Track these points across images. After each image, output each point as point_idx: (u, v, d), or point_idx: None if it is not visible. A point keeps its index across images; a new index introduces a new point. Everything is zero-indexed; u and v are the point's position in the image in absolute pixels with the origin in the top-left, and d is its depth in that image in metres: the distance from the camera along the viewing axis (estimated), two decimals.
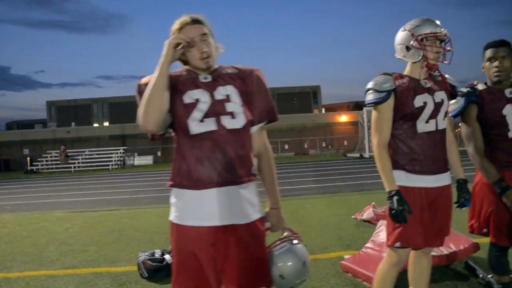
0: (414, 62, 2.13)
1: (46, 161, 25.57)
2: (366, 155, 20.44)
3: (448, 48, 2.10)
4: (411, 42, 2.08)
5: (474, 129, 2.38)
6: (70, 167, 23.91)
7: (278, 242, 1.78)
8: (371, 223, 5.05)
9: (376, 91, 2.09)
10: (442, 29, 2.08)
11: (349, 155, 22.71)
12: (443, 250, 3.28)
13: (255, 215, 1.71)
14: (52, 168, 24.42)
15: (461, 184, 2.22)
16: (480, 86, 2.39)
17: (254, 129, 1.76)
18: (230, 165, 1.64)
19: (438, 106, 2.11)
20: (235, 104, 1.70)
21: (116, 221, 6.42)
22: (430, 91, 2.11)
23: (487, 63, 2.33)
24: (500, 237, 2.36)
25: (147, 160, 26.35)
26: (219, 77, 1.73)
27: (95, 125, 45.62)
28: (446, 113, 2.17)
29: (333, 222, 5.34)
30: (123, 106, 48.95)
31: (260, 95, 1.76)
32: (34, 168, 24.48)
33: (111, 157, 25.15)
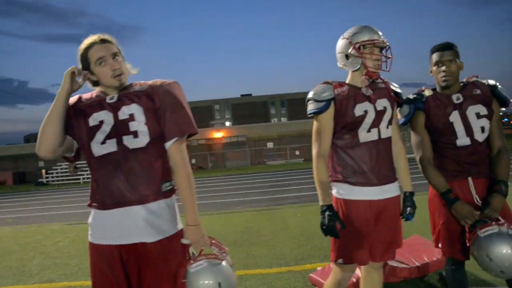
0: (354, 71, 2.09)
1: (57, 173, 25.99)
2: None
3: (388, 56, 2.06)
4: (349, 50, 2.04)
5: (423, 137, 2.27)
6: (79, 179, 24.24)
7: (198, 259, 1.71)
8: None
9: (316, 101, 2.04)
10: (381, 36, 2.03)
11: None
12: (415, 262, 3.17)
13: (163, 233, 1.69)
14: (62, 180, 24.80)
15: (407, 197, 2.13)
16: (427, 92, 2.29)
17: (167, 144, 1.72)
18: (133, 185, 1.64)
19: (380, 114, 2.05)
20: (139, 123, 1.68)
21: None
22: (371, 99, 2.05)
23: (435, 68, 2.22)
24: (452, 250, 2.23)
25: None
26: (125, 97, 1.72)
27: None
28: (391, 121, 2.10)
29: (318, 232, 5.19)
30: None
31: (169, 110, 1.71)
32: (44, 180, 24.91)
33: None
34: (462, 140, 2.18)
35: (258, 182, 14.48)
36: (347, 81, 2.12)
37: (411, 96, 2.30)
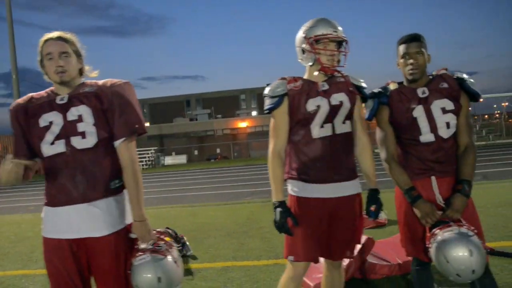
0: (310, 65, 2.05)
1: None
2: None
3: (343, 50, 2.01)
4: (304, 44, 2.02)
5: (387, 133, 2.18)
6: None
7: (141, 253, 1.78)
8: None
9: (270, 97, 2.03)
10: (337, 31, 1.97)
11: (376, 150, 21.97)
12: (397, 259, 3.12)
13: (111, 228, 1.78)
14: None
15: (370, 194, 2.08)
16: (392, 86, 2.20)
17: (116, 144, 1.80)
18: (81, 185, 1.73)
19: (334, 109, 2.00)
20: (87, 124, 1.75)
21: None
22: (326, 94, 2.00)
23: (401, 60, 2.12)
24: (415, 250, 2.16)
25: (181, 159, 26.97)
26: (74, 98, 1.79)
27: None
28: (349, 116, 2.04)
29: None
30: (163, 107, 50.55)
31: (118, 110, 1.78)
32: None
33: (144, 157, 26.03)
34: (426, 136, 2.08)
35: None
36: (305, 76, 2.09)
37: (376, 90, 2.22)
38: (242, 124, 31.17)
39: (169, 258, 1.79)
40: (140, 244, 1.81)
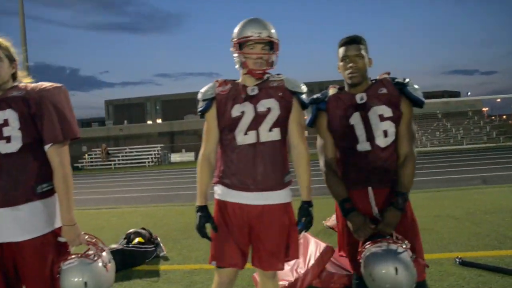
0: (240, 69, 2.00)
1: (91, 158, 27.32)
2: None
3: (268, 52, 1.94)
4: (231, 48, 1.98)
5: (326, 140, 2.10)
6: (111, 164, 25.35)
7: (71, 257, 1.83)
8: (334, 230, 4.84)
9: (201, 100, 2.01)
10: (263, 32, 1.91)
11: None
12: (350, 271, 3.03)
13: (37, 232, 1.78)
14: (97, 165, 26.01)
15: (301, 207, 2.00)
16: (331, 91, 2.12)
17: (45, 148, 1.81)
18: (4, 189, 1.72)
19: (260, 116, 1.93)
20: (13, 128, 1.75)
21: (104, 219, 6.72)
22: (253, 100, 1.94)
23: (341, 63, 2.04)
24: (353, 264, 2.09)
25: (188, 156, 27.08)
26: (2, 101, 1.78)
27: (149, 122, 47.96)
28: (278, 123, 1.95)
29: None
30: (175, 103, 50.90)
31: (46, 115, 1.78)
32: (80, 165, 26.21)
33: (150, 154, 26.24)
34: (363, 145, 2.00)
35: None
36: (240, 79, 2.04)
37: (315, 96, 2.15)
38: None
39: (98, 262, 1.82)
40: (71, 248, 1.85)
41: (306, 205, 1.99)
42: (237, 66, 2.01)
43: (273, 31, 1.96)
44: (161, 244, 4.42)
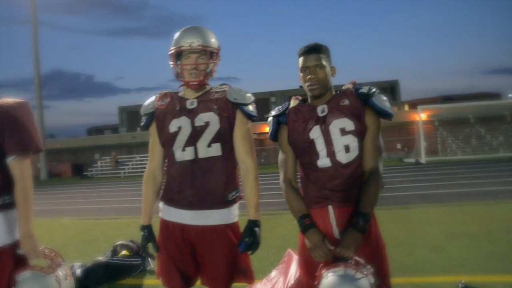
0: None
1: (101, 166, 27.83)
2: (423, 160, 18.95)
3: (204, 62, 1.94)
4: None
5: (287, 155, 2.05)
6: (120, 173, 25.76)
7: (25, 270, 1.93)
8: None
9: (142, 114, 2.04)
10: (194, 42, 1.91)
11: (405, 160, 21.33)
12: None
13: None
14: (107, 174, 26.44)
15: (246, 226, 1.96)
16: (293, 103, 2.06)
17: (7, 161, 1.91)
18: None
19: (197, 131, 1.91)
20: None
21: (101, 230, 6.78)
22: (191, 114, 1.92)
23: (301, 74, 1.98)
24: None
25: None
26: None
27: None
28: (219, 138, 1.92)
29: (278, 244, 5.04)
30: None
31: (8, 129, 1.90)
32: (89, 173, 26.73)
33: None
34: (323, 160, 1.93)
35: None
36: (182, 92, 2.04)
37: (276, 108, 2.10)
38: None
39: (52, 277, 1.94)
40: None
41: (251, 224, 1.94)
42: (177, 77, 2.01)
43: (210, 40, 1.95)
44: (149, 258, 4.42)
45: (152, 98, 2.04)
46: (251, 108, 1.97)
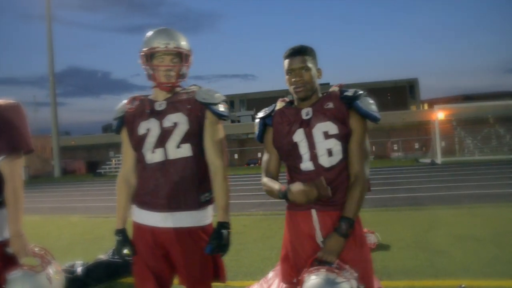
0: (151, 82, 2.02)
1: (115, 164, 28.20)
2: (438, 161, 18.67)
3: (176, 65, 1.96)
4: (139, 60, 2.00)
5: (270, 157, 2.07)
6: None
7: (16, 268, 1.96)
8: None
9: (112, 119, 2.06)
10: (170, 43, 1.93)
11: (421, 160, 21.05)
12: None
13: None
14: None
15: (216, 227, 1.95)
16: (279, 105, 2.07)
17: None
18: None
19: (166, 132, 1.93)
20: None
21: (109, 228, 6.87)
22: (160, 115, 1.94)
23: (287, 77, 1.99)
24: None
25: None
26: None
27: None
28: (188, 139, 1.93)
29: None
30: None
31: None
32: (102, 171, 27.13)
33: None
34: (306, 164, 1.93)
35: None
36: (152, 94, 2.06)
37: (263, 110, 2.12)
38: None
39: (42, 275, 1.97)
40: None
41: (219, 226, 1.93)
42: (148, 78, 2.02)
43: (183, 42, 1.97)
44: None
45: (122, 102, 2.06)
46: (221, 107, 1.98)
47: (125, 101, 2.06)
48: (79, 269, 3.91)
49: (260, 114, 2.10)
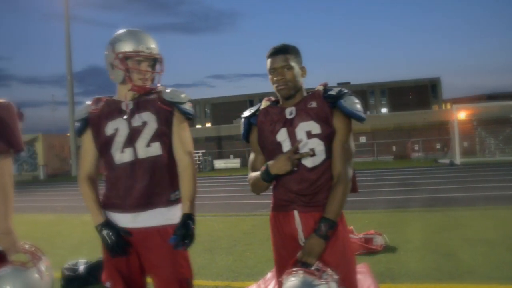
0: (119, 83, 2.01)
1: None
2: (457, 161, 18.27)
3: (157, 71, 1.99)
4: (113, 59, 1.96)
5: (256, 156, 2.07)
6: None
7: (6, 265, 1.99)
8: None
9: (75, 120, 2.06)
10: (150, 48, 1.95)
11: (440, 161, 20.57)
12: None
13: None
14: None
15: (181, 218, 1.95)
16: (264, 104, 2.06)
17: None
18: None
19: (135, 131, 1.94)
20: None
21: None
22: (127, 115, 1.95)
23: (270, 76, 1.98)
24: None
25: (234, 163, 27.28)
26: None
27: (198, 126, 49.18)
28: (157, 138, 1.95)
29: None
30: (225, 106, 52.04)
31: None
32: None
33: None
34: None
35: None
36: (117, 95, 2.06)
37: (249, 109, 2.11)
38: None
39: (32, 271, 1.98)
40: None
41: (185, 217, 1.94)
42: (119, 81, 2.00)
43: (157, 47, 2.01)
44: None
45: (82, 105, 2.07)
46: (187, 107, 2.01)
47: (88, 103, 2.05)
48: (81, 267, 3.97)
49: (245, 114, 2.10)
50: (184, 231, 1.91)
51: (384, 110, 47.71)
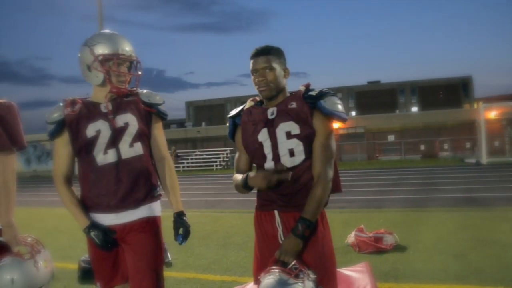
0: (97, 85, 2.01)
1: None
2: (483, 161, 17.59)
3: (136, 73, 2.03)
4: (92, 62, 1.95)
5: (241, 156, 2.08)
6: (179, 167, 26.48)
7: (5, 256, 2.05)
8: (354, 249, 4.65)
9: (48, 123, 1.99)
10: (128, 50, 1.98)
11: (466, 160, 19.94)
12: None
13: None
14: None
15: (175, 219, 2.05)
16: (248, 104, 2.07)
17: None
18: None
19: (118, 132, 1.96)
20: None
21: None
22: (108, 116, 1.97)
23: (252, 77, 1.97)
24: None
25: None
26: None
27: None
28: (138, 138, 1.99)
29: None
30: None
31: None
32: None
33: (218, 158, 27.11)
34: (269, 164, 1.92)
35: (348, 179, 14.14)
36: (91, 97, 2.06)
37: (234, 109, 2.13)
38: (334, 125, 30.22)
39: (30, 262, 2.03)
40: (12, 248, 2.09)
41: (178, 215, 2.06)
42: (97, 82, 2.00)
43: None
44: (168, 251, 4.62)
45: (56, 106, 2.02)
46: (164, 108, 2.10)
47: (61, 104, 2.02)
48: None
49: (231, 113, 2.12)
50: (185, 229, 2.04)
51: (414, 109, 46.49)
